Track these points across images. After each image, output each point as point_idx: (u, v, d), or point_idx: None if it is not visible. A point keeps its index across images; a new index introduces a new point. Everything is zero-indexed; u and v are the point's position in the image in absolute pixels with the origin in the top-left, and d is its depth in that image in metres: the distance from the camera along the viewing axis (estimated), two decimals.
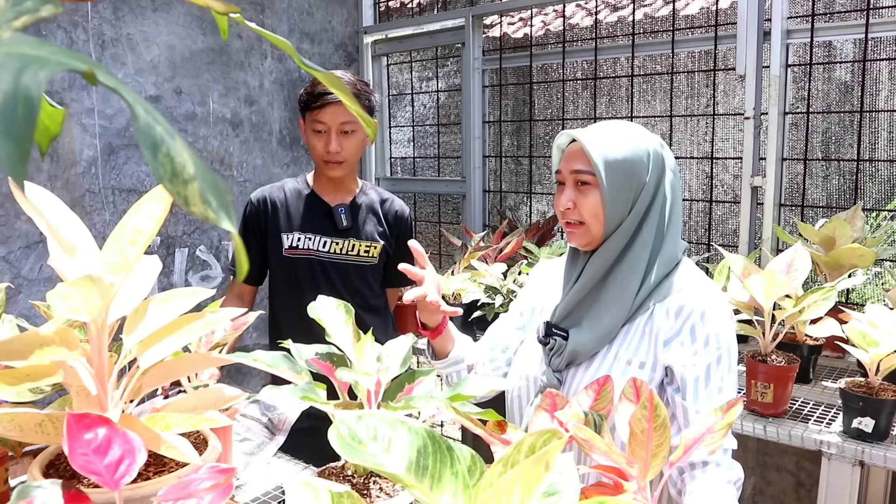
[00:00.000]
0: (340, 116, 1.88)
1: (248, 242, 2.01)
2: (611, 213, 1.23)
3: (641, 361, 1.22)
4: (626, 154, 1.22)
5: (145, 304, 0.91)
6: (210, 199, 0.37)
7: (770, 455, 2.63)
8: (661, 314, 1.24)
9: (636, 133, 1.26)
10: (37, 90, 0.35)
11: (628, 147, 1.23)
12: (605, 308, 1.25)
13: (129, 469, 0.71)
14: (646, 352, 1.23)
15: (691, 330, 1.20)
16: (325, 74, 0.55)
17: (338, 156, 1.91)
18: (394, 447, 0.62)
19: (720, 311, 1.22)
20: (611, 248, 1.26)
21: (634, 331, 1.25)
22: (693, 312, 1.21)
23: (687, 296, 1.23)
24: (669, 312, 1.22)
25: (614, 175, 1.21)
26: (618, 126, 1.27)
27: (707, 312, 1.20)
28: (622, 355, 1.24)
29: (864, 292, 4.21)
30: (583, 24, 4.82)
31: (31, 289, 2.32)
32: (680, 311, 1.22)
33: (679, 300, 1.23)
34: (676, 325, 1.21)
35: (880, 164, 4.20)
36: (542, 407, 0.98)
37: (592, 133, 1.25)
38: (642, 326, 1.25)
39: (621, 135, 1.25)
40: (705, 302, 1.21)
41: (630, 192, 1.23)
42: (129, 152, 2.53)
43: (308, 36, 3.14)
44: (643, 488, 0.82)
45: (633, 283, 1.24)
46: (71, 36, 2.36)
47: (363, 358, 1.00)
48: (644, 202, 1.24)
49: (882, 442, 1.59)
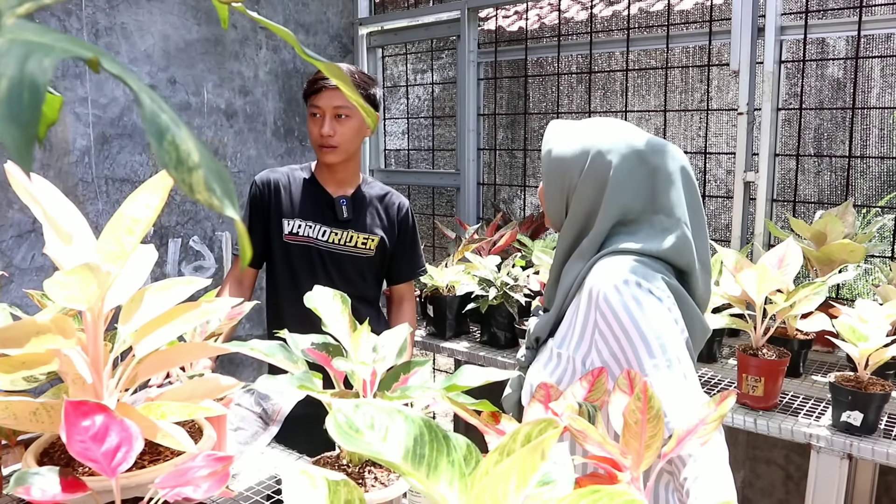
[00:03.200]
0: (335, 101, 1.91)
1: (252, 223, 2.03)
2: (547, 204, 1.31)
3: (568, 355, 1.21)
4: (561, 151, 1.26)
5: (141, 294, 0.91)
6: (214, 186, 0.37)
7: (760, 448, 2.66)
8: (577, 303, 1.23)
9: (592, 133, 1.25)
10: (42, 77, 0.35)
11: (568, 145, 1.26)
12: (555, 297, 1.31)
13: (126, 456, 0.71)
14: (567, 342, 1.23)
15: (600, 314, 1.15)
16: (327, 64, 0.55)
17: (331, 139, 1.92)
18: (391, 436, 0.62)
19: (611, 290, 1.14)
20: (560, 243, 1.31)
21: (565, 322, 1.27)
22: (592, 296, 1.16)
23: (592, 278, 1.18)
24: (583, 299, 1.20)
25: (547, 168, 1.28)
26: (592, 123, 1.29)
27: (601, 294, 1.15)
28: (550, 343, 1.28)
29: (854, 288, 4.25)
30: (578, 18, 4.81)
31: (23, 278, 2.31)
32: (588, 296, 1.18)
33: (588, 285, 1.19)
34: (586, 312, 1.18)
35: (872, 160, 4.22)
36: (536, 398, 0.98)
37: (564, 126, 1.31)
38: (570, 318, 1.25)
39: (575, 132, 1.27)
40: (600, 283, 1.16)
41: (560, 191, 1.27)
42: (122, 142, 2.52)
43: (303, 27, 3.13)
44: (636, 479, 0.83)
45: (568, 280, 1.26)
46: (64, 24, 2.35)
47: (359, 348, 1.01)
48: (581, 206, 1.25)
49: (870, 435, 1.61)
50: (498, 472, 0.55)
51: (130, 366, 0.91)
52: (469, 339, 2.52)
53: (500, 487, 0.56)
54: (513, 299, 2.28)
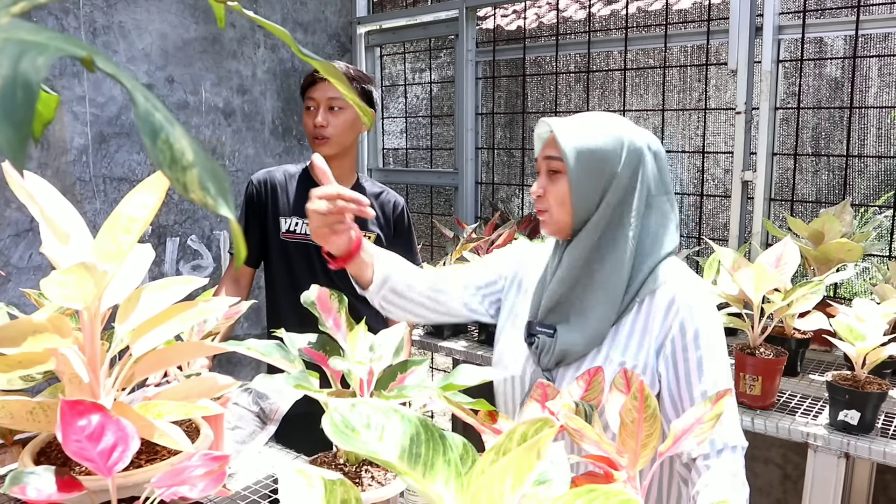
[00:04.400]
0: (329, 92, 1.93)
1: (249, 222, 2.03)
2: (577, 201, 1.23)
3: (633, 364, 1.20)
4: (597, 144, 1.21)
5: (138, 293, 0.91)
6: (209, 185, 0.37)
7: (758, 447, 2.66)
8: (649, 311, 1.22)
9: (613, 124, 1.25)
10: (36, 76, 0.35)
11: (601, 137, 1.22)
12: (592, 307, 1.24)
13: (122, 456, 0.71)
14: (636, 353, 1.21)
15: (681, 327, 1.19)
16: (322, 62, 0.55)
17: (324, 130, 1.93)
18: (387, 435, 0.62)
19: (707, 306, 1.22)
20: (584, 240, 1.25)
21: (624, 329, 1.24)
22: (681, 308, 1.20)
23: (674, 290, 1.21)
24: (659, 309, 1.21)
25: (581, 163, 1.21)
26: (596, 116, 1.27)
27: (695, 308, 1.20)
28: (613, 357, 1.22)
29: (852, 287, 4.25)
30: (576, 18, 4.81)
31: (20, 277, 2.31)
32: (669, 307, 1.20)
33: (667, 295, 1.21)
34: (667, 323, 1.20)
35: (869, 159, 4.22)
36: (533, 397, 0.98)
37: (567, 121, 1.25)
38: (631, 324, 1.23)
39: (596, 125, 1.24)
40: (693, 297, 1.21)
41: (599, 182, 1.22)
42: (120, 141, 2.52)
43: (301, 26, 3.13)
44: (633, 478, 0.83)
45: (619, 282, 1.22)
46: (62, 23, 2.34)
47: (356, 347, 1.01)
48: (616, 195, 1.23)
49: (867, 434, 1.61)
50: (494, 472, 0.55)
51: (127, 365, 0.91)
52: (467, 339, 2.52)
53: (496, 486, 0.56)
54: None
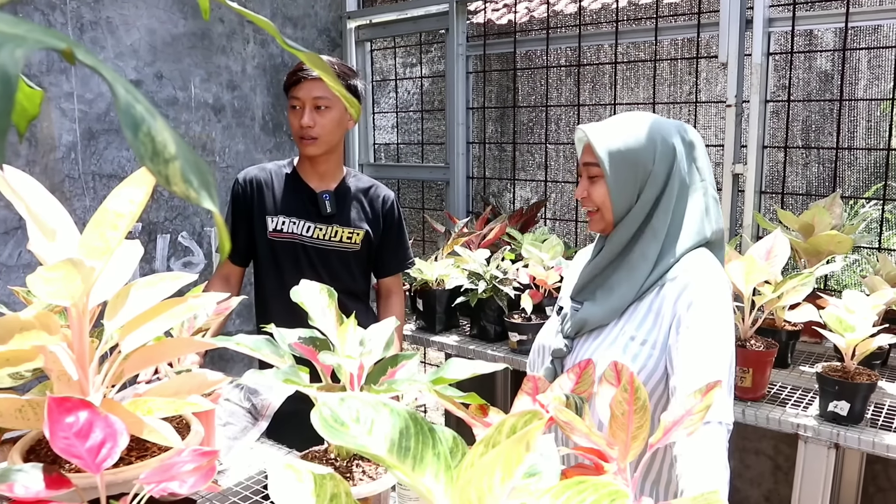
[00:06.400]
0: (314, 91, 1.90)
1: (236, 222, 2.01)
2: (617, 201, 1.32)
3: (644, 339, 1.27)
4: (630, 145, 1.29)
5: (127, 289, 0.91)
6: (191, 178, 0.37)
7: (749, 439, 2.67)
8: (667, 295, 1.28)
9: (645, 123, 1.32)
10: (14, 68, 0.35)
11: (633, 138, 1.30)
12: (617, 285, 1.34)
13: (110, 452, 0.71)
14: (649, 330, 1.28)
15: (687, 308, 1.23)
16: (307, 54, 0.55)
17: (311, 131, 1.91)
18: (376, 429, 0.62)
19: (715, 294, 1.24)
20: (621, 232, 1.34)
21: (642, 308, 1.31)
22: (690, 295, 1.24)
23: (689, 279, 1.27)
24: (674, 293, 1.27)
25: (617, 165, 1.29)
26: (628, 118, 1.34)
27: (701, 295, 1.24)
28: (627, 330, 1.30)
29: (841, 279, 4.27)
30: (567, 11, 4.81)
31: (9, 275, 2.29)
32: (681, 293, 1.26)
33: (684, 281, 1.27)
34: (675, 308, 1.25)
35: (859, 152, 4.25)
36: (524, 390, 0.99)
37: (601, 126, 1.33)
38: (649, 304, 1.31)
39: (629, 126, 1.31)
40: (703, 287, 1.25)
41: (635, 181, 1.30)
42: (109, 137, 2.50)
43: (291, 20, 3.11)
44: (623, 470, 0.83)
45: (645, 266, 1.31)
46: (49, 19, 2.32)
47: (346, 342, 1.01)
48: (652, 191, 1.30)
49: (856, 425, 1.62)
50: (483, 464, 0.55)
51: (116, 362, 0.91)
52: (459, 333, 2.52)
53: (485, 479, 0.56)
54: (502, 293, 2.28)
